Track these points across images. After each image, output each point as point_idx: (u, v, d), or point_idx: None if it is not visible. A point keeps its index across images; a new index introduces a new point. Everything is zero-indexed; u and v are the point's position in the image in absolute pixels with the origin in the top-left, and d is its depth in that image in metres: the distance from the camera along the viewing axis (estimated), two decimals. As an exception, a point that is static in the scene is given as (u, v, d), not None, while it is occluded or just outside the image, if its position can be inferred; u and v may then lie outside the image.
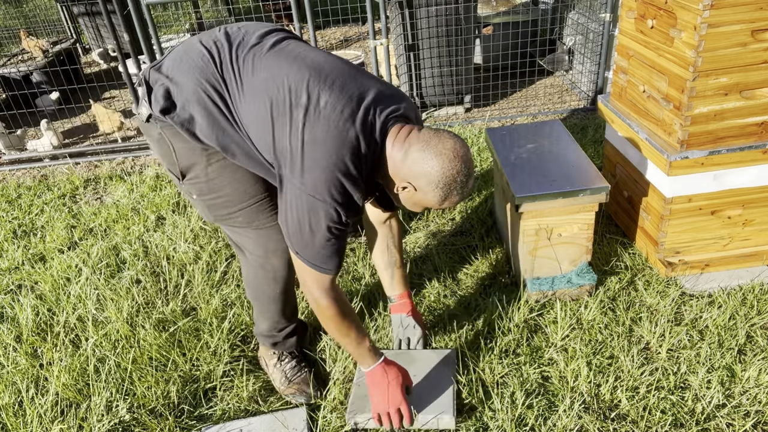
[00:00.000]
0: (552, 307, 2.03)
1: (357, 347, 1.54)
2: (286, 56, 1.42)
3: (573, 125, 3.47)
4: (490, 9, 4.26)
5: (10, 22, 7.11)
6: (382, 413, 1.56)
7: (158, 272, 2.41)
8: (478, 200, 2.71)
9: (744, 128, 1.90)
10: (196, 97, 1.42)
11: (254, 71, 1.40)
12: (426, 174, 1.36)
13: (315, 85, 1.35)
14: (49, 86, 4.45)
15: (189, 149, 1.49)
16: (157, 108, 1.44)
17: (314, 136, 1.31)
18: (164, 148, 1.52)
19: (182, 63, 1.45)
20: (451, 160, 1.35)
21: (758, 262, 2.11)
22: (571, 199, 1.90)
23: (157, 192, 3.10)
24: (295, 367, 1.82)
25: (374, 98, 1.39)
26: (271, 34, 1.50)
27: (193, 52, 1.46)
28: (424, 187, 1.38)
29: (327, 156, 1.31)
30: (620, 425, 1.62)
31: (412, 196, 1.42)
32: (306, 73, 1.37)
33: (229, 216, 1.58)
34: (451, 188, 1.38)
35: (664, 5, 1.87)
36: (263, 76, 1.39)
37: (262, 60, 1.42)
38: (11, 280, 2.47)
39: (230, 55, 1.43)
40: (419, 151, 1.36)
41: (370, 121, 1.36)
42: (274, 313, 1.76)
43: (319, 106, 1.33)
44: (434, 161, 1.35)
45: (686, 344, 1.84)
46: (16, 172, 3.66)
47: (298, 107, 1.33)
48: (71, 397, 1.82)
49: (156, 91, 1.45)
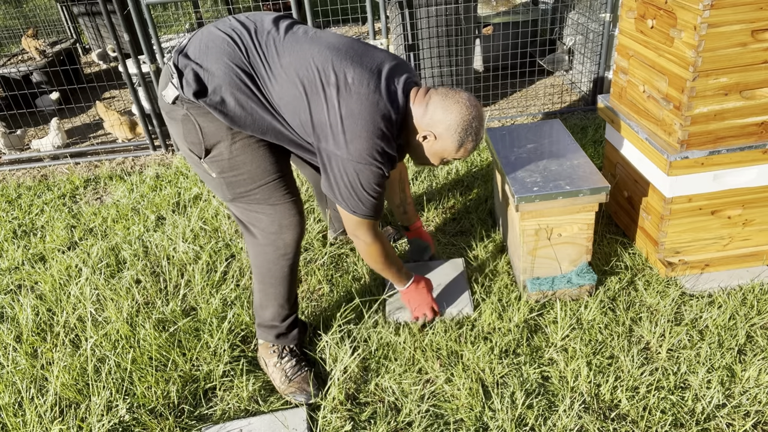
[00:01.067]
0: (552, 307, 2.03)
1: (397, 274, 1.88)
2: (304, 40, 1.58)
3: (573, 125, 3.47)
4: (490, 9, 4.26)
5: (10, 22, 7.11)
6: (420, 312, 1.97)
7: (158, 272, 2.41)
8: (478, 200, 2.71)
9: (744, 128, 1.90)
10: (228, 81, 1.52)
11: (280, 55, 1.54)
12: (445, 120, 1.59)
13: (339, 64, 1.52)
14: (49, 86, 4.45)
15: (216, 127, 1.59)
16: (190, 91, 1.53)
17: (351, 111, 1.49)
18: (189, 127, 1.60)
19: (209, 50, 1.54)
20: (468, 108, 1.59)
21: (758, 262, 2.11)
22: (571, 199, 1.90)
23: (157, 192, 3.10)
24: (295, 365, 1.82)
25: (390, 69, 1.58)
26: (281, 21, 1.64)
27: (217, 39, 1.56)
28: (443, 134, 1.61)
29: (365, 126, 1.50)
30: (620, 425, 1.62)
31: (432, 146, 1.65)
32: (327, 53, 1.53)
33: (247, 193, 1.67)
34: (468, 133, 1.61)
35: (664, 5, 1.87)
36: (289, 60, 1.53)
37: (283, 45, 1.56)
38: (11, 280, 2.47)
39: (252, 42, 1.55)
40: (439, 102, 1.59)
41: (393, 89, 1.56)
42: (279, 296, 1.78)
43: (348, 83, 1.50)
44: (453, 108, 1.59)
45: (686, 344, 1.84)
46: (16, 172, 3.66)
47: (330, 86, 1.50)
48: (71, 397, 1.82)
49: (186, 75, 1.53)
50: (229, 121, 1.56)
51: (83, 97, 4.68)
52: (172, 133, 1.68)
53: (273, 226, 1.70)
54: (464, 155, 1.67)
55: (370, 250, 1.76)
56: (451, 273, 2.22)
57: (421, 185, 2.89)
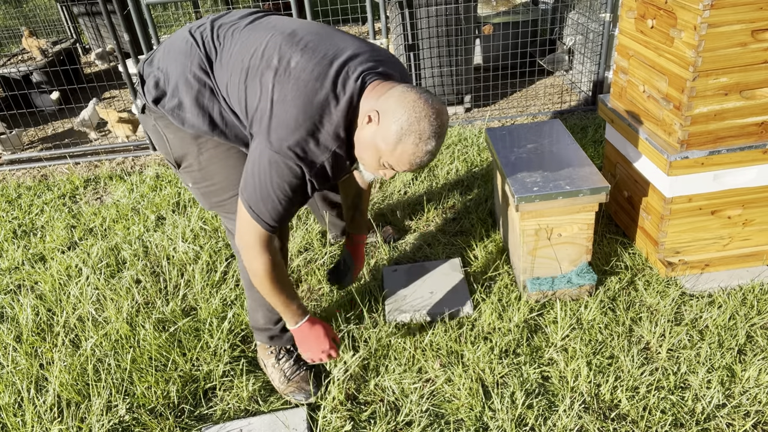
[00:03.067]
0: (552, 307, 2.03)
1: (286, 307, 1.58)
2: (263, 27, 1.47)
3: (573, 125, 3.47)
4: (490, 9, 4.25)
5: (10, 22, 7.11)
6: (311, 358, 1.65)
7: (158, 272, 2.41)
8: (478, 200, 2.71)
9: (744, 128, 1.90)
10: (183, 80, 1.48)
11: (232, 45, 1.46)
12: (394, 109, 1.29)
13: (287, 48, 1.37)
14: (49, 86, 4.45)
15: (181, 138, 1.56)
16: (150, 98, 1.51)
17: (283, 96, 1.33)
18: (159, 138, 1.60)
19: (170, 53, 1.52)
20: (427, 108, 1.28)
21: (758, 262, 2.11)
22: (571, 199, 1.90)
23: (157, 192, 3.10)
24: (293, 365, 1.82)
25: (349, 57, 1.38)
26: (255, 14, 1.56)
27: (180, 40, 1.53)
28: (384, 119, 1.30)
29: (295, 115, 1.32)
30: (620, 425, 1.62)
31: (373, 133, 1.33)
32: (279, 38, 1.40)
33: (223, 203, 1.65)
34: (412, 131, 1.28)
35: (664, 5, 1.87)
36: (238, 48, 1.44)
37: (240, 33, 1.48)
38: (11, 280, 2.47)
39: (211, 35, 1.50)
40: (398, 94, 1.30)
41: (341, 80, 1.35)
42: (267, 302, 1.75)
43: (289, 67, 1.34)
44: (410, 103, 1.28)
45: (686, 344, 1.84)
46: (16, 172, 3.66)
47: (269, 69, 1.36)
48: (71, 397, 1.82)
49: (148, 83, 1.52)
50: (189, 127, 1.51)
51: (83, 97, 4.68)
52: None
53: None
54: (403, 161, 1.33)
55: (255, 266, 1.48)
56: (450, 273, 2.22)
57: (421, 185, 2.89)
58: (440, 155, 3.16)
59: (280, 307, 1.58)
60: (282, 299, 1.56)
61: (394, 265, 2.33)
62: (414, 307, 2.06)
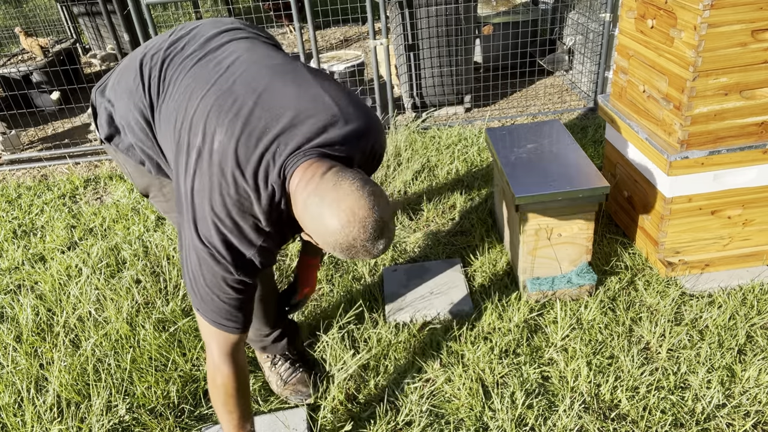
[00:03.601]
0: (552, 307, 2.03)
1: (235, 430, 1.38)
2: (205, 74, 1.29)
3: (573, 125, 3.47)
4: (490, 9, 4.26)
5: (10, 22, 7.11)
6: None
7: (158, 272, 2.41)
8: (478, 200, 2.71)
9: (744, 128, 1.90)
10: (126, 124, 1.38)
11: (171, 96, 1.31)
12: (322, 235, 1.15)
13: (214, 119, 1.21)
14: (49, 86, 4.45)
15: (141, 172, 1.48)
16: (103, 134, 1.42)
17: (202, 185, 1.19)
18: (122, 169, 1.53)
19: (119, 85, 1.40)
20: (345, 225, 1.10)
21: (758, 262, 2.11)
22: (571, 199, 1.90)
23: (157, 192, 3.10)
24: (289, 368, 1.82)
25: (282, 129, 1.19)
26: (219, 36, 1.39)
27: (130, 71, 1.39)
28: (324, 246, 1.18)
29: (212, 212, 1.18)
30: (620, 425, 1.61)
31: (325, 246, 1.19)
32: (211, 100, 1.23)
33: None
34: (353, 252, 1.15)
35: (664, 5, 1.87)
36: (173, 106, 1.29)
37: (183, 79, 1.31)
38: (11, 280, 2.47)
39: (159, 75, 1.35)
40: (315, 205, 1.13)
41: (263, 168, 1.18)
42: (255, 322, 1.68)
43: (212, 149, 1.19)
44: (328, 222, 1.11)
45: (686, 344, 1.84)
46: (16, 172, 3.66)
47: (192, 149, 1.22)
48: (71, 397, 1.82)
49: (100, 116, 1.42)
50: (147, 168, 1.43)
51: (83, 97, 4.68)
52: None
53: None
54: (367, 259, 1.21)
55: (213, 373, 1.32)
56: (450, 273, 2.22)
57: (421, 185, 2.88)
58: (440, 155, 3.16)
59: (228, 428, 1.37)
60: (234, 422, 1.36)
61: (394, 265, 2.33)
62: (414, 307, 2.06)
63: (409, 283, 2.20)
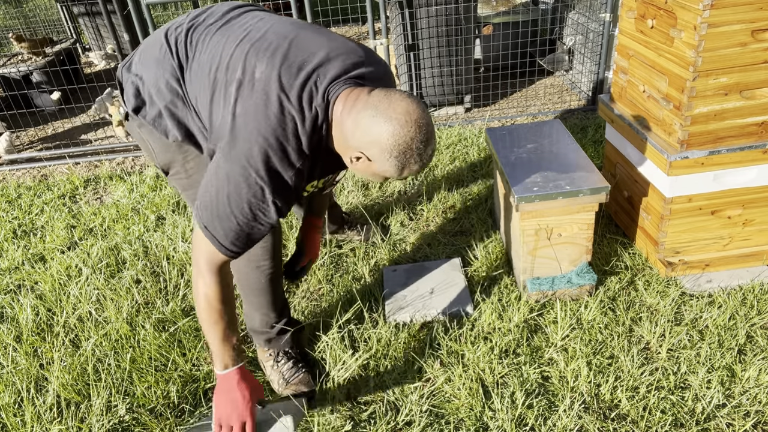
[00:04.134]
0: (552, 307, 2.03)
1: (222, 343, 1.37)
2: (233, 31, 1.37)
3: (573, 125, 3.47)
4: (490, 9, 4.25)
5: (11, 22, 7.11)
6: (224, 424, 1.39)
7: (158, 272, 2.41)
8: (478, 200, 2.71)
9: (744, 128, 1.90)
10: (156, 90, 1.43)
11: (203, 52, 1.37)
12: (378, 143, 1.22)
13: (253, 57, 1.28)
14: (49, 86, 4.45)
15: (165, 147, 1.51)
16: (130, 106, 1.46)
17: (245, 110, 1.25)
18: (144, 146, 1.55)
19: (145, 59, 1.47)
20: (404, 126, 1.20)
21: (758, 262, 2.11)
22: (571, 199, 1.90)
23: (157, 192, 3.10)
24: (292, 368, 1.82)
25: (319, 63, 1.28)
26: (236, 10, 1.47)
27: (154, 45, 1.46)
28: (377, 157, 1.24)
29: (256, 130, 1.23)
30: (620, 425, 1.62)
31: (368, 167, 1.29)
32: (247, 46, 1.31)
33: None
34: (407, 156, 1.23)
35: (664, 5, 1.87)
36: (207, 57, 1.36)
37: (211, 38, 1.38)
38: (11, 280, 2.47)
39: (185, 40, 1.42)
40: (369, 117, 1.22)
41: (308, 93, 1.26)
42: (263, 305, 1.76)
43: (253, 79, 1.26)
44: (385, 127, 1.20)
45: (686, 344, 1.84)
46: (16, 172, 3.66)
47: (233, 82, 1.28)
48: (71, 397, 1.82)
49: (127, 90, 1.47)
50: (172, 137, 1.46)
51: (83, 97, 4.68)
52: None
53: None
54: (411, 175, 1.31)
55: (200, 288, 1.35)
56: (450, 273, 2.22)
57: (422, 185, 2.88)
58: (440, 155, 3.16)
59: (215, 342, 1.38)
60: (219, 333, 1.36)
61: (394, 265, 2.33)
62: (414, 307, 2.06)
63: (409, 283, 2.20)
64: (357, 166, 1.30)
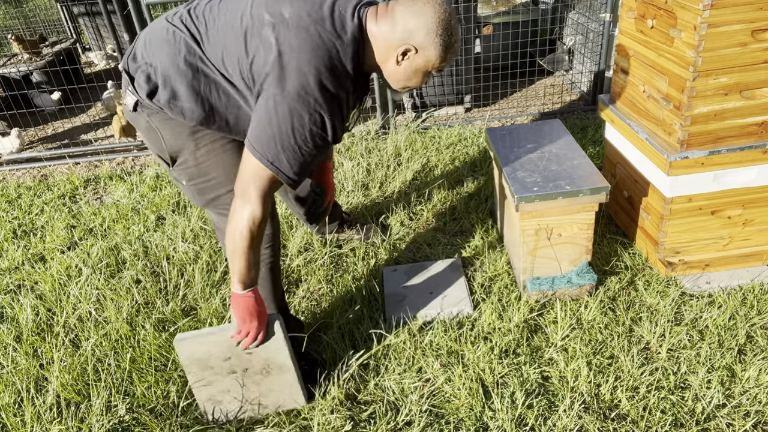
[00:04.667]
0: (552, 307, 2.03)
1: (249, 267, 1.47)
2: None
3: (573, 125, 3.47)
4: (490, 9, 4.26)
5: (11, 22, 7.11)
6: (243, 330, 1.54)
7: (158, 272, 2.41)
8: (478, 200, 2.71)
9: (744, 128, 1.90)
10: (174, 69, 1.46)
11: (216, 20, 1.46)
12: (423, 26, 1.38)
13: (273, 4, 1.40)
14: (49, 86, 4.45)
15: (177, 134, 1.54)
16: (143, 93, 1.48)
17: (289, 46, 1.34)
18: (153, 135, 1.57)
19: (152, 44, 1.50)
20: (439, 5, 1.39)
21: (758, 262, 2.11)
22: (571, 199, 1.90)
23: (157, 192, 3.10)
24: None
25: None
26: None
27: (159, 30, 1.51)
28: (424, 41, 1.40)
29: (307, 60, 1.33)
30: (620, 425, 1.62)
31: (414, 61, 1.44)
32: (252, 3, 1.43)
33: (218, 198, 1.65)
34: (449, 32, 1.41)
35: (664, 5, 1.87)
36: (223, 20, 1.44)
37: (219, 7, 1.48)
38: (11, 280, 2.47)
39: (190, 18, 1.49)
40: (406, 10, 1.39)
41: (338, 17, 1.39)
42: (262, 290, 1.75)
43: (285, 19, 1.36)
44: (425, 10, 1.38)
45: (686, 344, 1.84)
46: (16, 172, 3.66)
47: (264, 26, 1.37)
48: (71, 397, 1.82)
49: (138, 78, 1.49)
50: (189, 118, 1.50)
51: (83, 97, 4.68)
52: (144, 141, 1.63)
53: None
54: (450, 59, 1.48)
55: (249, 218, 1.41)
56: (449, 273, 2.22)
57: (421, 185, 2.88)
58: (440, 155, 3.16)
59: (243, 265, 1.46)
60: (250, 258, 1.45)
61: (394, 265, 2.33)
62: (414, 307, 2.06)
63: (409, 283, 2.20)
64: (401, 65, 1.44)
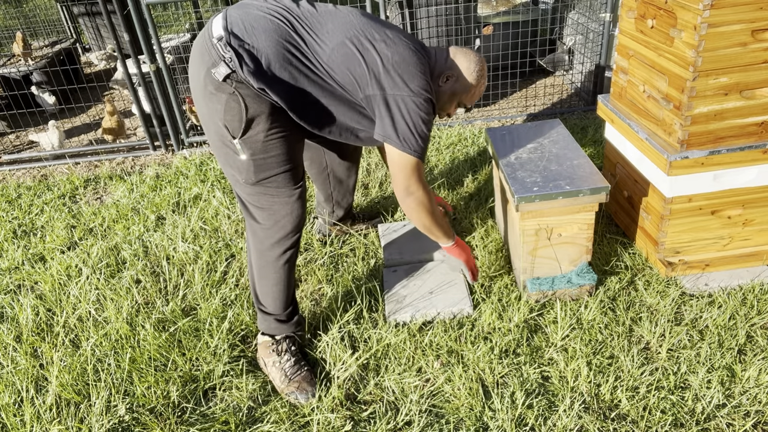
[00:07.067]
0: (552, 307, 2.03)
1: (447, 228, 1.93)
2: (338, 12, 1.75)
3: (573, 125, 3.47)
4: (490, 9, 4.25)
5: (10, 22, 7.11)
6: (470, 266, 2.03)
7: (158, 272, 2.41)
8: (478, 200, 2.71)
9: (744, 128, 1.90)
10: (279, 56, 1.62)
11: (322, 24, 1.70)
12: (464, 63, 1.85)
13: (376, 27, 1.72)
14: (49, 86, 4.45)
15: (260, 109, 1.65)
16: (249, 71, 1.60)
17: (402, 57, 1.68)
18: (232, 105, 1.64)
19: (255, 29, 1.64)
20: (479, 57, 1.89)
21: (758, 262, 2.11)
22: (571, 199, 1.90)
23: (157, 192, 3.10)
24: (294, 365, 1.82)
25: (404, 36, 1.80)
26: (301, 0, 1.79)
27: (259, 19, 1.66)
28: (463, 73, 1.85)
29: (417, 67, 1.69)
30: (620, 425, 1.61)
31: (453, 84, 1.85)
32: (363, 19, 1.74)
33: (270, 178, 1.73)
34: (481, 75, 1.88)
35: (664, 5, 1.87)
36: (332, 26, 1.70)
37: (322, 15, 1.72)
38: (11, 280, 2.47)
39: (292, 16, 1.69)
40: (457, 51, 1.87)
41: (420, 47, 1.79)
42: (279, 282, 1.81)
43: (389, 38, 1.69)
44: (469, 56, 1.87)
45: (686, 344, 1.84)
46: (16, 172, 3.66)
47: (377, 41, 1.68)
48: (71, 397, 1.82)
49: (245, 56, 1.60)
50: (283, 101, 1.65)
51: (83, 97, 4.68)
52: (205, 111, 1.70)
53: (283, 209, 1.76)
54: (477, 95, 1.91)
55: (422, 202, 1.80)
56: (450, 273, 2.22)
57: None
58: (440, 155, 3.16)
59: (442, 229, 1.90)
60: (443, 223, 1.90)
61: (394, 265, 2.33)
62: (414, 307, 2.06)
63: (409, 283, 2.20)
64: (444, 87, 1.85)
